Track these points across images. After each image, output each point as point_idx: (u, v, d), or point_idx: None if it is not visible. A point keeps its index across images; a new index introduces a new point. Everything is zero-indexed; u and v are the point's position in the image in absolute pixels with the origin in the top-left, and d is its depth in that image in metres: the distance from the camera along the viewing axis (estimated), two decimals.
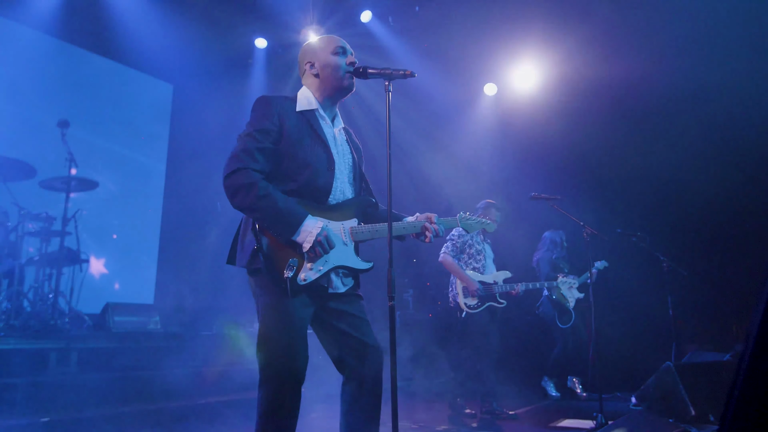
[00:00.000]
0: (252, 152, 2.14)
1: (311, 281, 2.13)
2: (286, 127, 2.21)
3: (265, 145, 2.17)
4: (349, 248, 2.27)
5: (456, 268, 4.82)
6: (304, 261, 2.13)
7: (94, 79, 7.09)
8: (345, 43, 2.38)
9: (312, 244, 2.09)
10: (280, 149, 2.20)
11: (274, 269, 2.09)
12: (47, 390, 3.78)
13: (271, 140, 2.19)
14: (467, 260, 4.89)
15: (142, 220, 7.62)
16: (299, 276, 2.11)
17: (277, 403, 2.06)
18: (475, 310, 4.76)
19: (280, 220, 2.08)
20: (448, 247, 4.92)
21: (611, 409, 4.79)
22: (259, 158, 2.15)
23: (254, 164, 2.13)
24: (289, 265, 2.09)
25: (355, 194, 2.39)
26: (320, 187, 2.24)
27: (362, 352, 2.22)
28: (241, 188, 2.08)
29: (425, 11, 7.51)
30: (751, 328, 1.08)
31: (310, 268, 2.13)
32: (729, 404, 1.08)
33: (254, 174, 2.11)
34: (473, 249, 4.92)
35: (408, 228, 2.38)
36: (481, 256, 4.95)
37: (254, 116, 2.23)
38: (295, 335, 2.11)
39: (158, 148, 7.94)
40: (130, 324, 5.34)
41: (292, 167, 2.21)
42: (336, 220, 2.25)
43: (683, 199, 6.65)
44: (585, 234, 4.53)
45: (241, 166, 2.11)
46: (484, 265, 4.92)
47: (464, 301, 4.78)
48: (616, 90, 6.77)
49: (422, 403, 5.55)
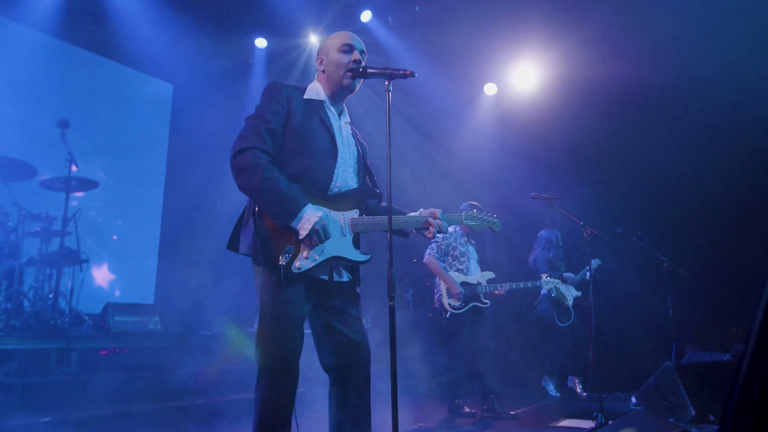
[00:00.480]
0: (260, 132, 2.15)
1: (305, 270, 2.12)
2: (293, 111, 2.23)
3: (273, 126, 2.18)
4: (348, 239, 2.25)
5: (439, 270, 4.89)
6: (300, 249, 2.12)
7: (94, 79, 7.08)
8: (355, 40, 2.37)
9: (308, 232, 2.08)
10: (285, 132, 2.22)
11: (269, 255, 2.08)
12: (47, 390, 3.77)
13: (279, 121, 2.20)
14: (451, 262, 4.97)
15: (143, 220, 7.61)
16: (294, 264, 2.10)
17: (272, 397, 2.07)
18: (459, 311, 4.83)
19: (281, 204, 2.07)
20: (432, 249, 5.00)
21: (611, 409, 4.79)
22: (266, 139, 2.16)
23: (262, 144, 2.14)
24: (284, 252, 2.08)
25: (358, 186, 2.39)
26: (322, 174, 2.24)
27: (352, 349, 2.23)
28: (246, 168, 2.09)
29: (425, 11, 7.51)
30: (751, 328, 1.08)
31: (306, 257, 2.13)
32: (729, 404, 1.08)
33: (261, 154, 2.11)
34: (457, 251, 4.99)
35: (410, 222, 2.37)
36: (465, 258, 5.01)
37: (264, 99, 2.25)
38: (292, 331, 2.11)
39: (158, 148, 7.93)
40: (130, 324, 5.34)
41: (295, 151, 2.21)
42: (336, 210, 2.25)
43: (683, 198, 6.65)
44: (585, 234, 4.53)
45: (248, 145, 2.11)
46: (467, 267, 4.99)
47: (448, 302, 4.85)
48: (616, 90, 6.77)
49: (422, 403, 5.54)
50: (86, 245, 5.66)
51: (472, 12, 7.16)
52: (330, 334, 2.25)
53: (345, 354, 2.22)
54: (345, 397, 2.21)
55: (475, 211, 2.60)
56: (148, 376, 4.42)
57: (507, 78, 8.02)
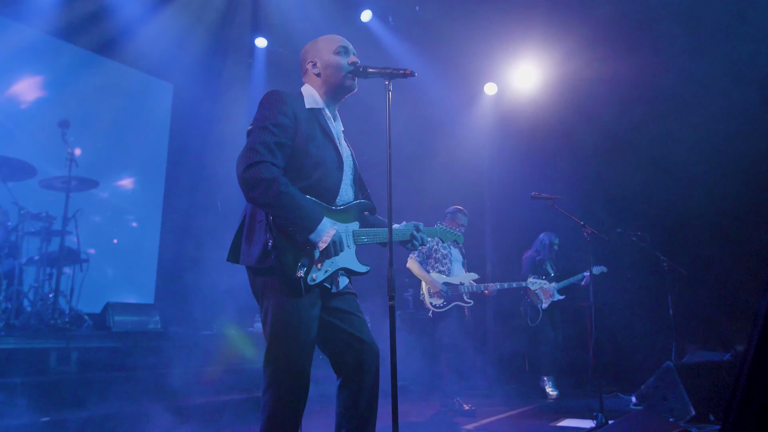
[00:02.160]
0: (270, 146, 2.07)
1: (319, 282, 2.14)
2: (300, 124, 2.18)
3: (282, 140, 2.11)
4: (352, 251, 2.29)
5: (420, 271, 5.11)
6: (314, 261, 2.12)
7: (94, 79, 7.08)
8: (347, 43, 2.37)
9: (327, 244, 2.09)
10: (294, 146, 2.16)
11: (286, 268, 2.06)
12: (47, 390, 3.77)
13: (287, 136, 2.14)
14: (433, 264, 5.17)
15: (143, 220, 7.61)
16: (310, 276, 2.11)
17: (285, 404, 2.05)
18: (441, 309, 5.02)
19: (300, 218, 2.05)
20: (414, 253, 5.16)
21: (611, 409, 4.79)
22: (277, 153, 2.09)
23: (273, 158, 2.06)
24: (300, 265, 2.08)
25: (354, 196, 2.39)
26: (330, 187, 2.24)
27: (359, 348, 2.21)
28: (261, 182, 2.00)
29: (425, 11, 7.51)
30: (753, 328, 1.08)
31: (320, 269, 2.14)
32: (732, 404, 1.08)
33: (274, 168, 2.05)
34: (438, 254, 5.19)
35: (398, 234, 2.42)
36: (447, 260, 5.19)
37: (269, 110, 2.15)
38: (307, 336, 2.10)
39: (158, 148, 7.93)
40: (130, 324, 5.34)
41: (307, 165, 2.18)
42: (341, 222, 2.25)
43: (683, 198, 6.65)
44: (585, 234, 4.53)
45: (260, 159, 2.03)
46: (449, 268, 5.16)
47: (430, 301, 5.06)
48: (616, 90, 6.77)
49: (422, 403, 5.54)
50: (86, 245, 5.66)
51: (473, 12, 7.16)
52: (335, 334, 2.24)
53: (353, 354, 2.21)
54: (353, 397, 2.20)
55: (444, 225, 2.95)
56: (148, 376, 4.42)
57: (507, 78, 8.02)
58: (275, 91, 2.22)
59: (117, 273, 7.12)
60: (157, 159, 7.90)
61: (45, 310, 5.06)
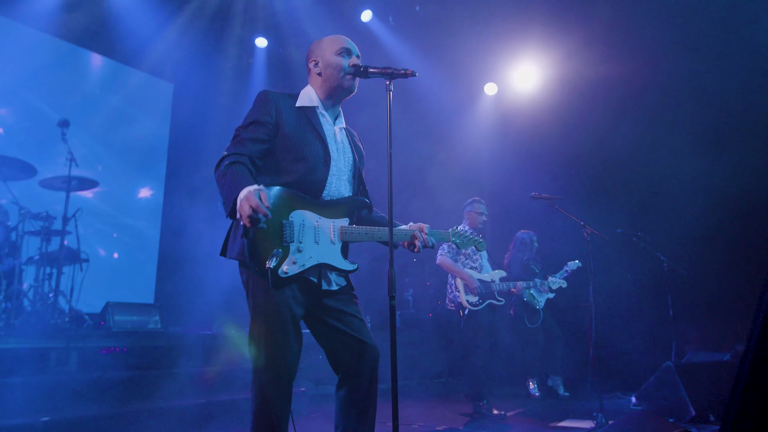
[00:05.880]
0: (243, 141, 2.20)
1: (293, 275, 2.12)
2: (283, 121, 2.25)
3: (258, 136, 2.22)
4: (336, 247, 2.25)
5: (455, 267, 4.90)
6: (288, 253, 2.12)
7: (94, 79, 7.08)
8: (351, 45, 2.38)
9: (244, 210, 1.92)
10: (276, 142, 2.24)
11: (256, 259, 2.07)
12: (47, 390, 3.77)
13: (264, 131, 2.23)
14: (464, 260, 4.99)
15: (143, 220, 7.61)
16: (282, 268, 2.09)
17: (266, 399, 2.07)
18: (477, 308, 4.83)
19: (228, 192, 2.03)
20: (444, 249, 5.00)
21: (611, 409, 4.79)
22: (248, 146, 2.20)
23: (241, 149, 2.18)
24: (272, 255, 2.06)
25: (351, 194, 2.39)
26: (315, 182, 2.25)
27: (359, 349, 2.22)
28: (218, 165, 2.16)
29: (425, 11, 7.51)
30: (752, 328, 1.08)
31: (294, 262, 2.13)
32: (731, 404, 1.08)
33: (236, 156, 2.15)
34: (469, 249, 4.98)
35: (399, 235, 2.39)
36: (478, 256, 5.05)
37: (252, 109, 2.28)
38: (284, 332, 2.11)
39: (158, 148, 7.93)
40: (130, 324, 5.34)
41: (288, 160, 2.23)
42: (328, 217, 2.25)
43: (683, 198, 6.64)
44: (585, 234, 4.53)
45: (226, 153, 2.18)
46: (481, 265, 5.01)
47: (466, 299, 4.83)
48: (616, 90, 6.77)
49: (422, 402, 5.55)
50: (86, 244, 5.66)
51: (472, 12, 7.16)
52: (332, 334, 2.25)
53: (352, 354, 2.21)
54: (351, 397, 2.20)
55: (460, 229, 2.65)
56: (148, 376, 4.42)
57: (507, 78, 8.02)
58: (262, 91, 2.33)
59: (117, 273, 7.12)
60: (157, 159, 7.91)
61: (45, 310, 5.06)
